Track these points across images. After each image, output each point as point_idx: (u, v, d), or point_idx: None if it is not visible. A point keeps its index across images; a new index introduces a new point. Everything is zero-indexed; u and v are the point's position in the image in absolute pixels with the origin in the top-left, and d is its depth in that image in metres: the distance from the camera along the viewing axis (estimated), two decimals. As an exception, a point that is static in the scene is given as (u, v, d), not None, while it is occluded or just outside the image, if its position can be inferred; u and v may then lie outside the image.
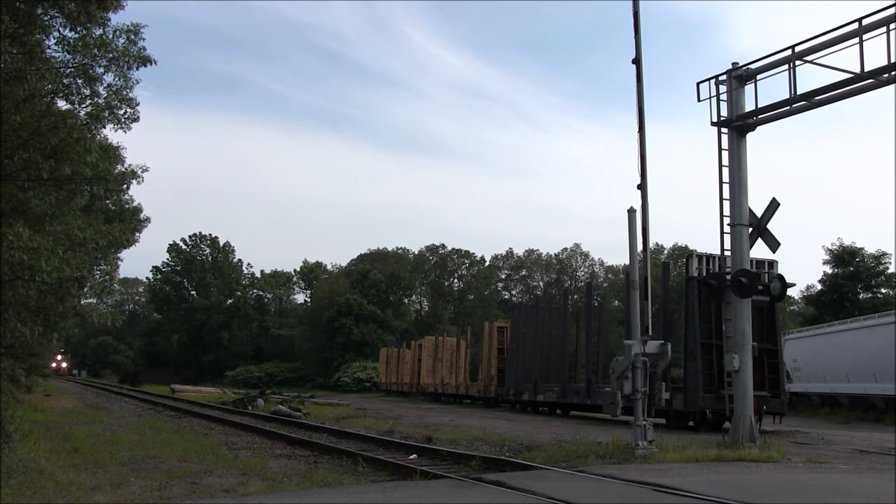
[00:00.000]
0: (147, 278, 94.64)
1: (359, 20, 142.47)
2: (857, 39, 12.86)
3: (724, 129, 15.22)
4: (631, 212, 13.69)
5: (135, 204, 23.54)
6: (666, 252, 71.65)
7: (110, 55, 11.18)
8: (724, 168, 15.12)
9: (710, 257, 21.51)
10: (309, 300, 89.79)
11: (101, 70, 11.38)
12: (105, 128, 12.13)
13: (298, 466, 12.46)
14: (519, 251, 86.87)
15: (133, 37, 11.34)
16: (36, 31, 10.57)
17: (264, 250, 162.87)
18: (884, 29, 12.50)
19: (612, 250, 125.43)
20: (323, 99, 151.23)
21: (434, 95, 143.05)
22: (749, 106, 14.94)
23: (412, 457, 13.46)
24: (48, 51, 11.20)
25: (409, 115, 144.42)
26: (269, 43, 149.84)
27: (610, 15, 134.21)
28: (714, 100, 15.24)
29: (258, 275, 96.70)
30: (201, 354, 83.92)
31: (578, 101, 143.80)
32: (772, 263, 21.27)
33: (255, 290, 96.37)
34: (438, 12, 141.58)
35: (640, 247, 13.67)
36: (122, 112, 11.74)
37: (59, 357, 78.12)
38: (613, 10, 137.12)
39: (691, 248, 60.10)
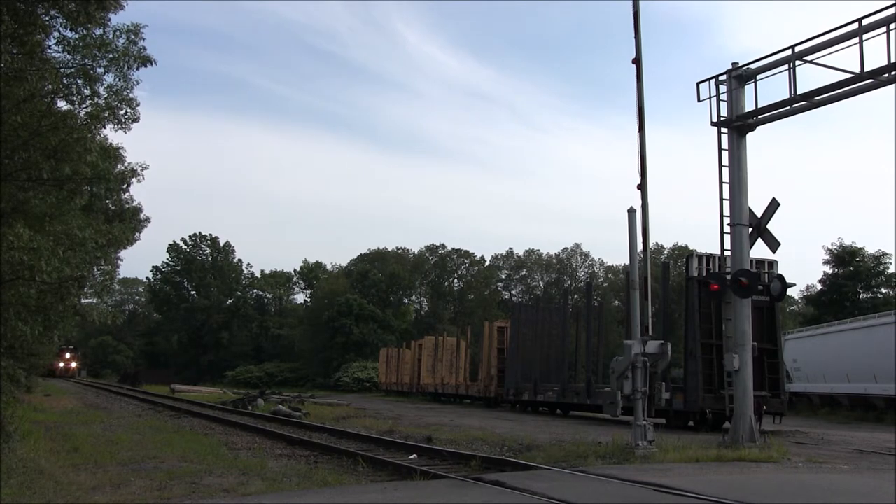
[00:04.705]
0: (147, 278, 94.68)
1: (355, 21, 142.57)
2: (857, 39, 12.87)
3: (724, 129, 15.23)
4: (631, 212, 13.70)
5: (135, 204, 23.57)
6: (666, 252, 71.56)
7: (110, 55, 11.18)
8: (724, 168, 15.13)
9: (710, 257, 21.53)
10: (309, 300, 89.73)
11: (101, 70, 11.38)
12: (105, 128, 12.13)
13: (298, 466, 12.46)
14: (519, 251, 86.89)
15: (133, 37, 11.34)
16: (36, 31, 10.56)
17: (264, 250, 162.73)
18: (884, 29, 12.51)
19: (612, 250, 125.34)
20: (321, 99, 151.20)
21: (431, 96, 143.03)
22: (749, 106, 14.94)
23: (412, 457, 13.46)
24: (48, 51, 11.20)
25: (407, 116, 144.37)
26: (265, 44, 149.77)
27: (605, 15, 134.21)
28: (714, 100, 15.26)
29: (258, 275, 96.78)
30: (201, 354, 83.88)
31: (576, 101, 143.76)
32: (772, 263, 21.29)
33: (255, 290, 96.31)
34: (433, 12, 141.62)
35: (640, 247, 13.69)
36: (122, 112, 11.74)
37: (66, 355, 70.76)
38: (609, 11, 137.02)
39: (691, 248, 60.07)
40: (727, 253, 15.17)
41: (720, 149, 15.20)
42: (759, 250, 16.03)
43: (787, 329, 36.18)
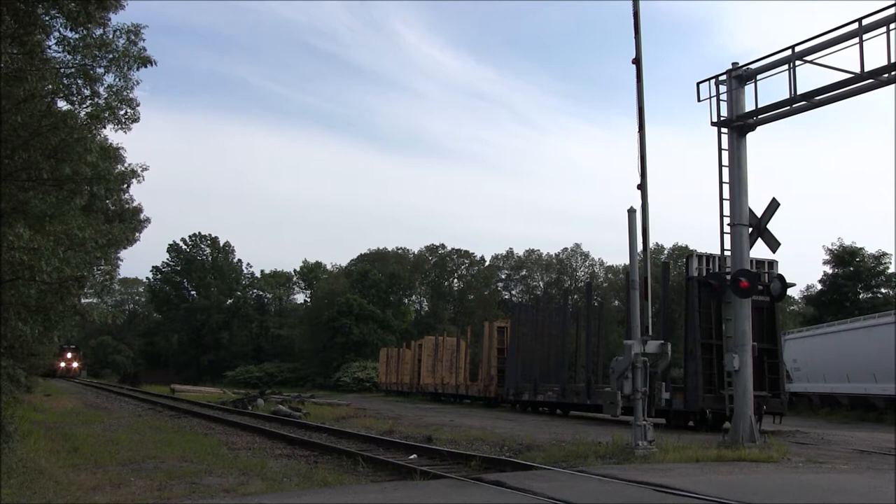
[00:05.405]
0: (147, 278, 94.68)
1: (355, 21, 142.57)
2: (857, 39, 12.87)
3: (724, 129, 15.23)
4: (631, 212, 13.69)
5: (135, 204, 23.60)
6: (666, 252, 71.56)
7: (111, 55, 11.18)
8: (724, 168, 15.12)
9: (710, 257, 21.52)
10: (309, 300, 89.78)
11: (101, 70, 11.39)
12: (105, 128, 12.14)
13: (298, 466, 12.46)
14: (519, 251, 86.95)
15: (133, 37, 11.34)
16: (36, 31, 10.56)
17: (264, 250, 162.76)
18: (884, 29, 12.51)
19: (612, 250, 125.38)
20: (320, 99, 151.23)
21: (431, 96, 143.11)
22: (749, 106, 14.94)
23: (412, 457, 13.46)
24: (48, 51, 11.20)
25: (407, 116, 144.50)
26: (265, 44, 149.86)
27: (604, 15, 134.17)
28: (714, 100, 15.25)
29: (258, 275, 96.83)
30: (201, 354, 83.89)
31: (576, 101, 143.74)
32: (772, 263, 21.28)
33: (255, 290, 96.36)
34: (433, 12, 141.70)
35: (640, 247, 13.68)
36: (122, 112, 11.74)
37: (68, 355, 69.09)
38: (608, 11, 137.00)
39: (691, 248, 60.07)
40: (727, 253, 15.16)
41: (720, 149, 15.20)
42: (759, 250, 16.05)
43: (787, 329, 36.17)
